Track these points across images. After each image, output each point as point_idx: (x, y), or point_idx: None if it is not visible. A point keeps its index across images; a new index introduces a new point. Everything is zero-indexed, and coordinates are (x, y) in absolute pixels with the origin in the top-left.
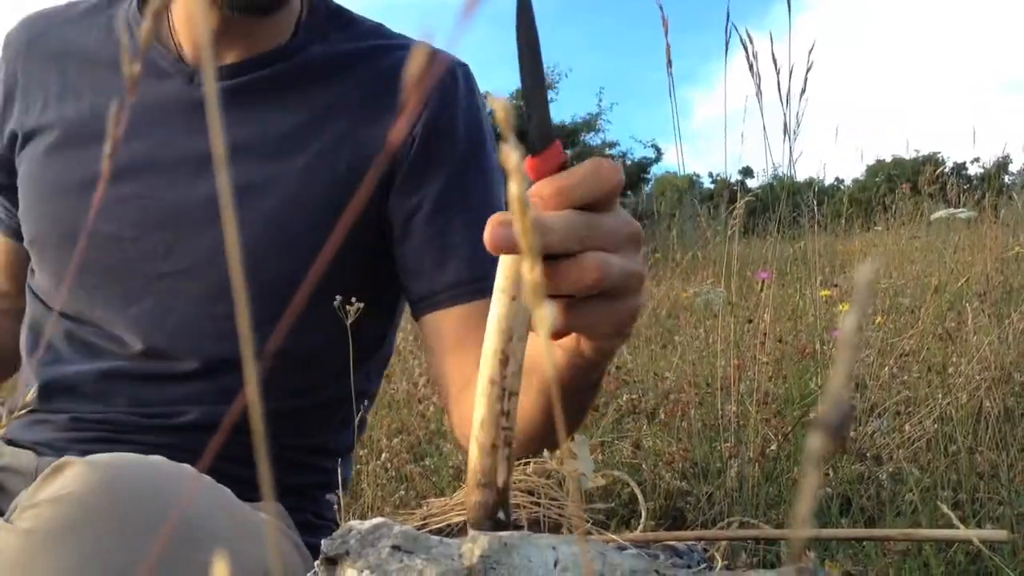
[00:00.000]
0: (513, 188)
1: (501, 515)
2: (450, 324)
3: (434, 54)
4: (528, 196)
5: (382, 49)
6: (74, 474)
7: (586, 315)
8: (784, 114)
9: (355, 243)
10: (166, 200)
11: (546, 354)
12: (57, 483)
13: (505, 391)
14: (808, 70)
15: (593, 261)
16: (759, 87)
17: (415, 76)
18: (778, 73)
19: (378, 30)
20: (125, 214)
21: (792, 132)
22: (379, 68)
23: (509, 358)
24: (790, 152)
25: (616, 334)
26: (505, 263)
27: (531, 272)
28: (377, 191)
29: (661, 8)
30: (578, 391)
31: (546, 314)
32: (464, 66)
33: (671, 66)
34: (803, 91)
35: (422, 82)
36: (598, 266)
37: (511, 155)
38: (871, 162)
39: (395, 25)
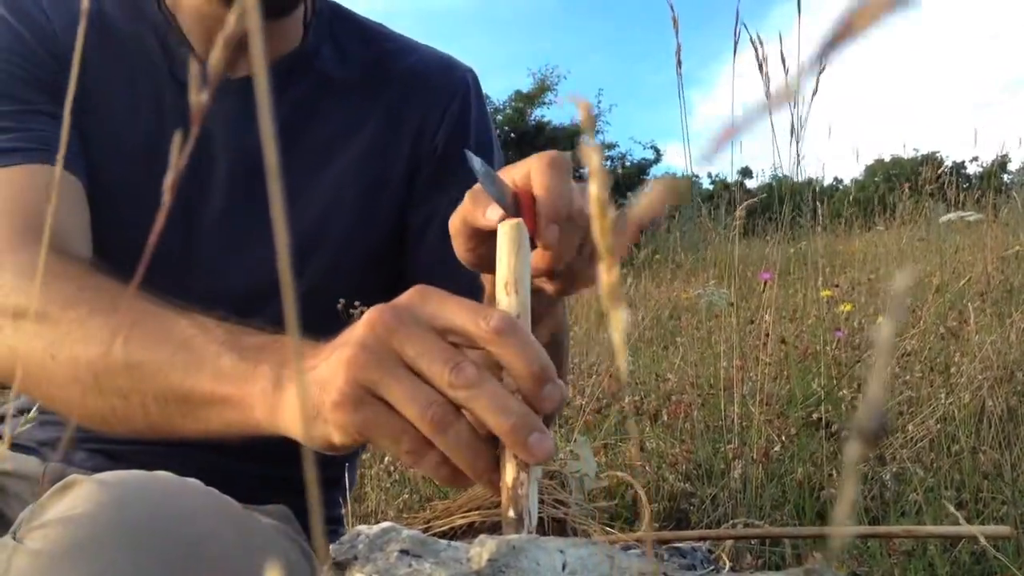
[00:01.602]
0: (593, 189)
1: (511, 513)
2: None
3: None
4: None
5: (394, 56)
6: (82, 493)
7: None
8: (792, 115)
9: (382, 255)
10: (212, 215)
11: (619, 355)
12: (65, 502)
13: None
14: (820, 72)
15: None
16: (767, 87)
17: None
18: (787, 73)
19: (381, 31)
20: (167, 228)
21: (798, 133)
22: (395, 77)
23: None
24: (796, 152)
25: None
26: (501, 259)
27: (608, 274)
28: (401, 203)
29: (672, 7)
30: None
31: (622, 316)
32: (472, 72)
33: (680, 66)
34: (815, 92)
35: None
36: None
37: (593, 156)
38: (870, 162)
39: (400, 31)
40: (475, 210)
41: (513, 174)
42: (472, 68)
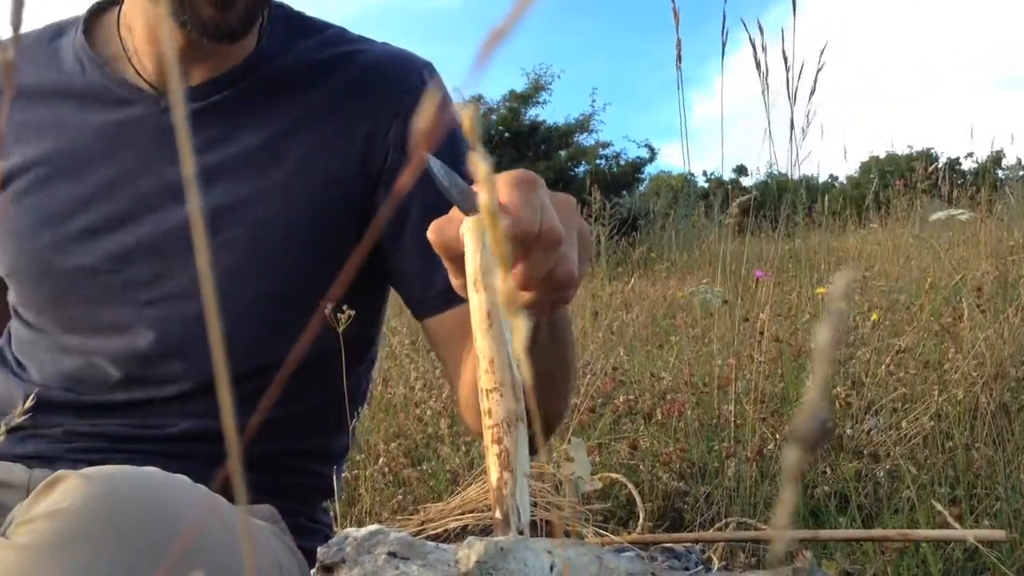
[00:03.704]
0: (483, 198)
1: (497, 514)
2: (450, 325)
3: (443, 108)
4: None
5: (348, 56)
6: (69, 487)
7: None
8: (792, 111)
9: (342, 255)
10: (144, 230)
11: (522, 366)
12: (52, 497)
13: (483, 390)
14: (819, 70)
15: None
16: (766, 83)
17: (424, 129)
18: (788, 71)
19: (340, 35)
20: (100, 246)
21: (802, 130)
22: (348, 75)
23: (479, 356)
24: (796, 150)
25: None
26: (468, 257)
27: (504, 282)
28: (359, 202)
29: (673, 1)
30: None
31: (523, 324)
32: (429, 66)
33: (680, 61)
34: (812, 92)
35: (431, 135)
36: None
37: (480, 166)
38: (864, 158)
39: (392, 31)
40: (447, 237)
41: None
42: (430, 63)
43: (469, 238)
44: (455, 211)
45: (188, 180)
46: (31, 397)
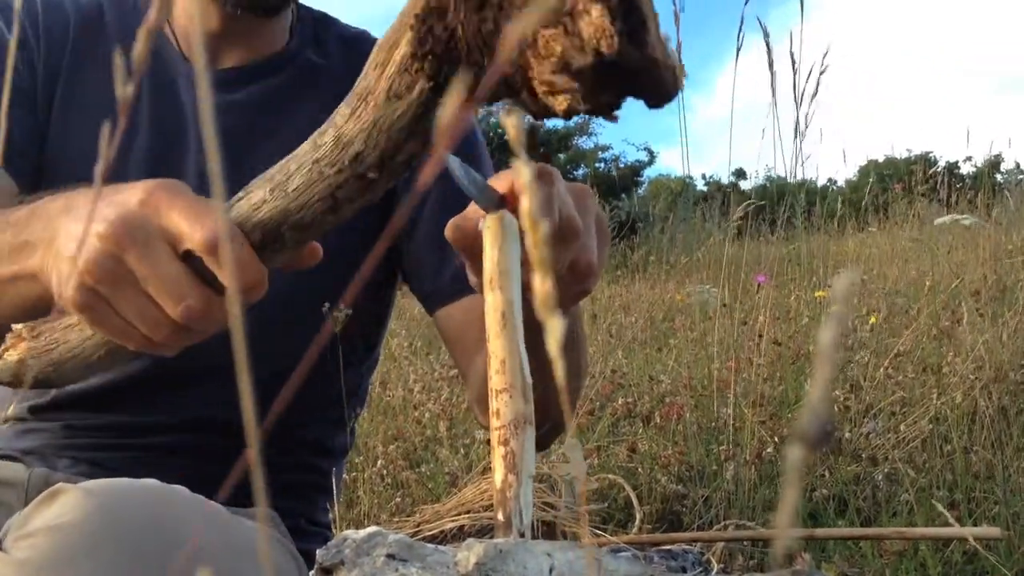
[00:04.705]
0: (524, 203)
1: (500, 515)
2: (460, 315)
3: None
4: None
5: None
6: (69, 501)
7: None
8: (797, 114)
9: (358, 251)
10: None
11: (556, 364)
12: (52, 511)
13: (492, 390)
14: (821, 73)
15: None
16: (773, 87)
17: (445, 126)
18: (796, 74)
19: (363, 37)
20: None
21: (801, 132)
22: None
23: (491, 356)
24: (798, 151)
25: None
26: (485, 255)
27: (542, 284)
28: (380, 201)
29: (675, 2)
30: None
31: (558, 325)
32: None
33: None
34: (815, 94)
35: (452, 132)
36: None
37: (524, 171)
38: (863, 162)
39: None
40: (465, 234)
41: (496, 185)
42: None
43: (487, 235)
44: (472, 208)
45: (214, 174)
46: (16, 400)
